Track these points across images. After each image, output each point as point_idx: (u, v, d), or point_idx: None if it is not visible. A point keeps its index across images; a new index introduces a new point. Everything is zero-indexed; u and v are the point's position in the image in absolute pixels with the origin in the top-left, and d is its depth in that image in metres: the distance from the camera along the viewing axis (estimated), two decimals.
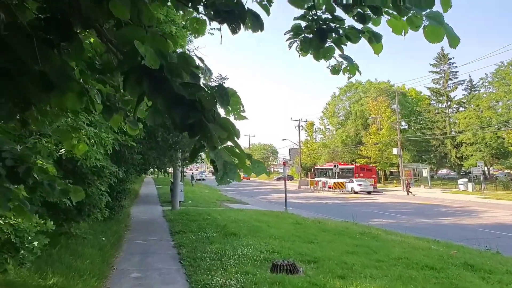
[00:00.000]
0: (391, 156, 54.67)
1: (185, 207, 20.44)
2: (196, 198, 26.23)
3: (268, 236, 11.46)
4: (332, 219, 16.92)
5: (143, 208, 20.75)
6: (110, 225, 12.55)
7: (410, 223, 17.69)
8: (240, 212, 18.33)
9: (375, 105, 55.54)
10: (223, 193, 39.27)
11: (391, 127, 53.44)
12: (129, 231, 13.11)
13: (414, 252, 9.17)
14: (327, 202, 30.54)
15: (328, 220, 15.61)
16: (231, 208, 21.15)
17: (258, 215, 17.03)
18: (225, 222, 14.08)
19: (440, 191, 43.11)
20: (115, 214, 13.84)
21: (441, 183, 53.75)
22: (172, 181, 24.29)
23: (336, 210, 23.27)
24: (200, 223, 13.85)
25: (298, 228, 13.17)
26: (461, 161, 51.69)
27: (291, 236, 11.54)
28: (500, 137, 43.27)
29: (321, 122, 77.06)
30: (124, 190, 14.52)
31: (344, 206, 27.29)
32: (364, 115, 61.45)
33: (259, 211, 18.71)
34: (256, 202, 29.70)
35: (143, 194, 30.68)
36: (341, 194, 39.35)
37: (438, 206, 26.67)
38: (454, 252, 9.27)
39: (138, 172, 15.95)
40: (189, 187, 35.96)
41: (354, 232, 12.39)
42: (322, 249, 9.49)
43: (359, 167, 46.42)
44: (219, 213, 17.14)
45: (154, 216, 17.51)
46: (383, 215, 20.52)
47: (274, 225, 13.67)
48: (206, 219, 14.91)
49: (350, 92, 69.93)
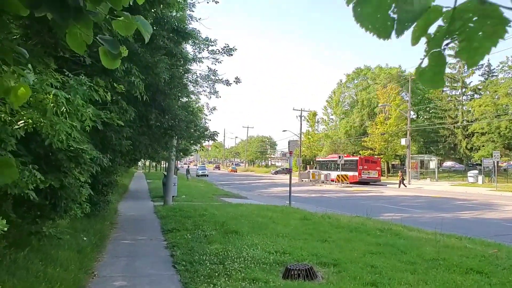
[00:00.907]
0: (397, 147, 53.78)
1: (178, 202, 19.37)
2: (190, 193, 25.15)
3: (275, 234, 10.42)
4: (341, 214, 15.89)
5: (133, 203, 19.67)
6: (94, 222, 11.46)
7: (427, 218, 16.71)
8: (239, 207, 17.28)
9: (384, 93, 54.39)
10: (219, 187, 38.29)
11: (399, 117, 52.39)
12: (115, 229, 12.04)
13: (449, 252, 8.14)
14: (331, 195, 29.56)
15: (338, 215, 14.58)
16: (229, 203, 20.10)
17: (260, 210, 15.99)
18: (224, 219, 13.03)
19: (448, 183, 42.31)
20: (100, 210, 12.74)
21: (447, 175, 53.00)
22: (165, 174, 23.20)
23: (342, 204, 22.28)
24: (196, 220, 12.80)
25: (308, 225, 12.13)
26: (470, 152, 50.77)
27: (301, 234, 10.50)
28: None
29: (324, 112, 76.08)
30: (111, 183, 13.40)
31: (350, 199, 26.32)
32: (371, 103, 60.34)
33: (260, 206, 17.67)
34: (255, 196, 28.66)
35: (133, 189, 29.60)
36: (344, 188, 38.41)
37: (451, 199, 25.75)
38: (495, 251, 8.24)
39: (128, 163, 14.84)
40: (183, 181, 34.88)
41: (372, 228, 11.36)
42: (340, 249, 8.44)
43: (363, 159, 45.42)
44: (217, 209, 16.09)
45: (144, 212, 16.43)
46: (395, 209, 19.54)
47: (280, 221, 12.62)
48: (202, 215, 13.86)
49: (358, 79, 68.70)
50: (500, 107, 44.13)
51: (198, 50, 10.97)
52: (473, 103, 49.35)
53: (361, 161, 44.19)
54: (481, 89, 53.38)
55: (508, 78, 44.68)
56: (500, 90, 44.38)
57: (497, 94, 46.41)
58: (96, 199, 12.46)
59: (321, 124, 79.19)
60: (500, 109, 43.97)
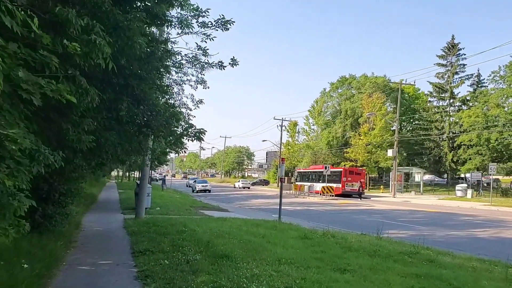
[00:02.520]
0: (379, 159, 52.51)
1: (152, 215, 17.00)
2: (165, 204, 22.73)
3: (276, 259, 8.30)
4: (341, 230, 13.86)
5: (100, 216, 17.17)
6: (46, 241, 9.11)
7: (438, 236, 14.88)
8: (223, 221, 15.05)
9: (369, 102, 53.15)
10: (196, 198, 35.87)
11: (384, 127, 51.23)
12: (74, 249, 9.66)
13: None
14: (318, 209, 27.58)
15: (341, 233, 12.55)
16: (210, 217, 17.82)
17: (248, 225, 13.83)
18: (208, 237, 10.85)
19: (434, 197, 41.05)
20: (56, 224, 10.35)
21: (431, 189, 52.01)
22: (138, 182, 20.76)
23: (335, 219, 20.31)
24: (174, 238, 10.56)
25: (312, 246, 10.06)
26: (456, 166, 49.85)
27: (309, 259, 8.40)
28: (506, 138, 41.21)
29: (306, 122, 74.45)
30: (71, 192, 11.00)
31: (341, 214, 24.37)
32: (355, 113, 59.06)
33: (247, 221, 15.49)
34: (236, 209, 26.43)
35: (102, 199, 26.90)
36: (330, 200, 36.59)
37: (452, 214, 24.14)
38: None
39: (93, 168, 12.42)
40: (157, 192, 32.30)
41: (394, 252, 9.38)
42: (371, 285, 6.36)
43: (347, 170, 43.81)
44: (198, 224, 13.85)
45: (112, 226, 14.03)
46: (396, 226, 17.69)
47: (277, 241, 10.49)
48: (181, 232, 11.63)
49: (342, 87, 67.51)
50: (490, 118, 43.14)
51: (185, 23, 8.76)
52: (462, 114, 48.22)
53: (345, 173, 42.55)
54: (470, 100, 52.35)
55: (499, 89, 43.77)
56: (491, 100, 43.44)
57: (487, 105, 45.40)
58: (50, 211, 10.09)
59: (302, 135, 77.64)
60: (491, 120, 42.99)
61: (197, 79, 11.74)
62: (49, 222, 10.00)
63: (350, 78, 67.28)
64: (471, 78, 53.39)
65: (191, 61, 10.88)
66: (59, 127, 7.58)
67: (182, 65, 11.03)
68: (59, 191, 10.19)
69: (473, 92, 52.38)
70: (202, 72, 10.96)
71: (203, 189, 49.73)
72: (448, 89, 53.42)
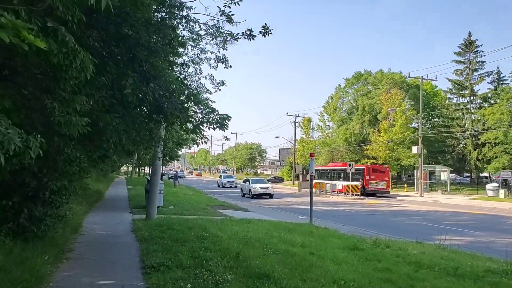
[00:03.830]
0: (401, 156, 50.01)
1: (165, 215, 14.97)
2: (179, 203, 20.69)
3: (332, 280, 6.24)
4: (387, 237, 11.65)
5: (105, 216, 15.20)
6: (32, 252, 7.09)
7: (504, 244, 12.53)
8: (248, 224, 12.95)
9: (388, 98, 50.66)
10: (211, 195, 33.84)
11: (404, 124, 48.77)
12: (66, 262, 7.62)
13: None
14: (346, 209, 25.28)
15: (394, 242, 10.38)
16: (231, 217, 15.70)
17: (279, 230, 11.73)
18: (235, 245, 8.81)
19: (463, 197, 38.45)
20: (48, 229, 8.33)
21: (457, 188, 49.41)
22: (149, 179, 18.75)
23: (371, 222, 18.12)
24: (194, 247, 8.52)
25: (368, 260, 7.93)
26: (482, 164, 47.19)
27: (375, 282, 6.31)
28: None
29: (320, 118, 71.87)
30: (65, 189, 8.95)
31: (375, 215, 22.04)
32: (373, 109, 56.53)
33: (275, 224, 13.40)
34: (256, 208, 24.36)
35: (109, 196, 24.98)
36: (355, 200, 34.23)
37: (499, 217, 21.65)
38: None
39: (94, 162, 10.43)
40: (170, 188, 30.34)
41: (479, 270, 7.25)
42: None
43: (370, 168, 41.34)
44: (219, 227, 11.79)
45: (119, 230, 12.00)
46: (444, 230, 15.24)
47: (322, 253, 8.37)
48: (202, 238, 9.60)
49: (357, 83, 64.97)
50: None
51: None
52: (485, 111, 45.97)
53: (368, 171, 40.13)
54: (492, 97, 50.10)
55: None
56: None
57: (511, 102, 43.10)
58: (39, 212, 8.07)
59: (317, 131, 75.16)
60: None
61: (218, 56, 9.56)
62: (37, 226, 7.98)
63: (366, 74, 64.76)
64: (491, 75, 51.39)
65: (212, 33, 8.72)
66: (42, 105, 5.55)
67: (201, 37, 8.88)
68: (49, 188, 8.16)
69: (495, 89, 50.42)
70: (224, 46, 8.79)
71: (264, 193, 34.25)
72: (468, 86, 51.20)
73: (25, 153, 4.46)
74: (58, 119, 5.32)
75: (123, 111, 7.37)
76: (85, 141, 7.53)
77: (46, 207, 8.39)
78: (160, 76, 7.06)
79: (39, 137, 4.61)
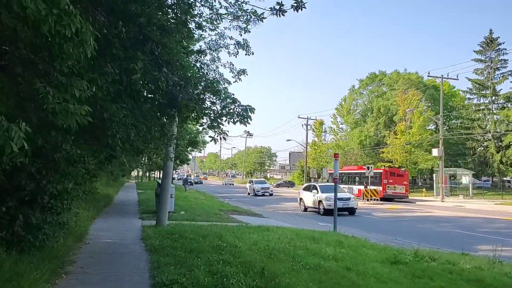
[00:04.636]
0: (418, 159, 48.58)
1: (177, 221, 14.02)
2: (191, 207, 19.73)
3: None
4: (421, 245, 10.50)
5: (113, 222, 14.27)
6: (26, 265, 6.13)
7: None
8: (267, 232, 11.89)
9: (404, 99, 49.31)
10: (222, 199, 32.86)
11: (422, 126, 47.41)
12: (65, 277, 6.65)
13: None
14: (368, 215, 24.00)
15: (439, 253, 9.23)
16: (246, 224, 14.65)
17: (302, 239, 10.67)
18: (259, 258, 7.78)
19: (487, 202, 36.89)
20: (46, 239, 7.38)
21: (479, 192, 47.79)
22: (159, 182, 17.81)
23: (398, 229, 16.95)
24: (210, 260, 7.51)
25: (417, 278, 6.88)
26: (506, 167, 45.60)
27: None
28: None
29: (333, 120, 70.60)
30: (67, 192, 7.97)
31: (400, 222, 20.74)
32: (389, 111, 55.20)
33: (297, 232, 12.34)
34: (270, 214, 23.33)
35: (119, 201, 24.12)
36: (375, 205, 32.93)
37: None
38: None
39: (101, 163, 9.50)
40: (180, 193, 29.39)
41: None
42: None
43: (388, 171, 39.97)
44: (236, 235, 10.78)
45: (127, 237, 11.04)
46: (482, 239, 14.20)
47: (360, 268, 7.29)
48: (219, 249, 8.59)
49: (372, 85, 63.68)
50: None
51: None
52: (508, 111, 44.43)
53: (386, 174, 38.79)
54: None
55: None
56: None
57: None
58: (37, 219, 7.11)
59: (329, 134, 73.83)
60: None
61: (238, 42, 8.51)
62: (34, 235, 7.03)
63: (381, 74, 63.54)
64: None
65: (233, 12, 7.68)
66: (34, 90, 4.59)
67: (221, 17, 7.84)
68: (49, 192, 7.20)
69: None
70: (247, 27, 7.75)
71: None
72: (490, 86, 49.46)
73: (5, 146, 3.52)
74: (52, 107, 4.34)
75: (132, 103, 6.40)
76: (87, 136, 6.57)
77: (45, 213, 7.44)
78: (175, 61, 6.08)
79: (24, 126, 3.65)
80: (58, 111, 4.38)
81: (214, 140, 7.60)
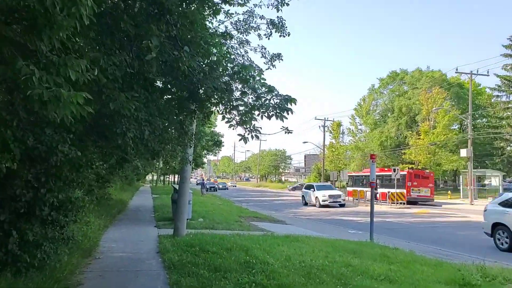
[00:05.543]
0: (444, 160, 46.76)
1: (195, 229, 12.88)
2: (209, 213, 18.56)
3: None
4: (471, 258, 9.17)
5: (127, 231, 13.19)
6: None
7: None
8: (298, 244, 10.67)
9: (428, 98, 47.58)
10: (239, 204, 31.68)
11: (447, 125, 45.64)
12: None
13: None
14: (398, 221, 22.48)
15: (504, 270, 7.90)
16: (272, 233, 13.44)
17: (339, 252, 9.42)
18: (294, 277, 6.65)
19: None
20: (46, 257, 6.27)
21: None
22: (176, 187, 16.71)
23: (436, 237, 15.57)
24: (240, 281, 6.37)
25: None
26: None
27: None
28: None
29: (352, 121, 68.90)
30: (71, 202, 6.86)
31: (436, 228, 19.19)
32: (411, 111, 53.44)
33: (331, 242, 11.09)
34: (292, 220, 22.07)
35: (133, 207, 23.13)
36: (401, 209, 31.31)
37: None
38: None
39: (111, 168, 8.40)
40: (197, 197, 28.25)
41: None
42: None
43: (412, 173, 38.22)
44: (264, 248, 9.55)
45: (142, 250, 9.91)
46: None
47: None
48: (247, 267, 7.43)
49: (393, 84, 61.90)
50: None
51: None
52: None
53: (410, 176, 37.11)
54: None
55: None
56: None
57: None
58: (34, 235, 6.00)
59: (348, 135, 72.14)
60: None
61: (271, 21, 7.28)
62: (31, 254, 5.93)
63: (402, 73, 61.74)
64: None
65: None
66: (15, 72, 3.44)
67: None
68: (49, 203, 6.09)
69: None
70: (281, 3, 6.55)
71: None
72: None
73: None
74: (38, 92, 3.20)
75: (145, 94, 5.25)
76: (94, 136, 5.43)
77: (46, 227, 6.35)
78: (198, 39, 4.90)
79: None
80: (47, 98, 3.23)
81: (244, 139, 6.37)
